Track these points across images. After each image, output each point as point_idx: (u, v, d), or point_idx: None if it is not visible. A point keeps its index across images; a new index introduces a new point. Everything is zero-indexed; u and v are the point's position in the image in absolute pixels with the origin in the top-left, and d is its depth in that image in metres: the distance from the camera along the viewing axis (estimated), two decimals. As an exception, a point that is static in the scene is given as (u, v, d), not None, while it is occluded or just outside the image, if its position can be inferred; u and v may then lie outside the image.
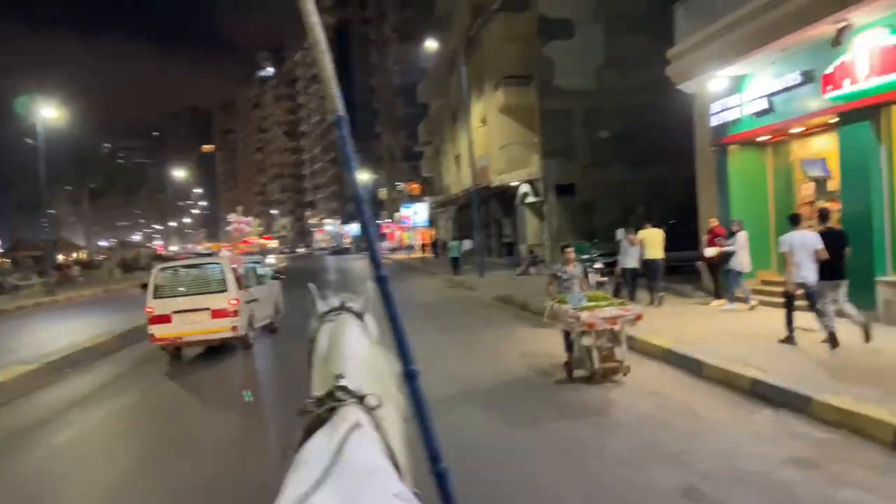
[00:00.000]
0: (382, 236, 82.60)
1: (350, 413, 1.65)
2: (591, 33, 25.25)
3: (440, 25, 34.59)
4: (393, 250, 65.75)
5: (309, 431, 1.66)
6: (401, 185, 66.52)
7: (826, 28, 9.51)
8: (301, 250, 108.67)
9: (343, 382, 1.76)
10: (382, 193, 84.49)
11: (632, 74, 24.94)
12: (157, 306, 11.17)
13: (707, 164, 13.75)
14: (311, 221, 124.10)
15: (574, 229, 25.63)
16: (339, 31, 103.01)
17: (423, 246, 41.27)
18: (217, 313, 11.15)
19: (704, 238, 13.41)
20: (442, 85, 42.35)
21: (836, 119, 10.19)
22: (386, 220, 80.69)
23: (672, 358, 8.61)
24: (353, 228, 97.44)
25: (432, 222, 54.58)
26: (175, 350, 11.60)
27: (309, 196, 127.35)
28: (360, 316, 2.28)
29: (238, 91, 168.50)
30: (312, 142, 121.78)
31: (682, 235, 17.51)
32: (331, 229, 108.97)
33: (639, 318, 7.61)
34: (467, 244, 34.66)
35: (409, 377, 1.62)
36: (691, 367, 8.05)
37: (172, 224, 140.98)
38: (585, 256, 13.02)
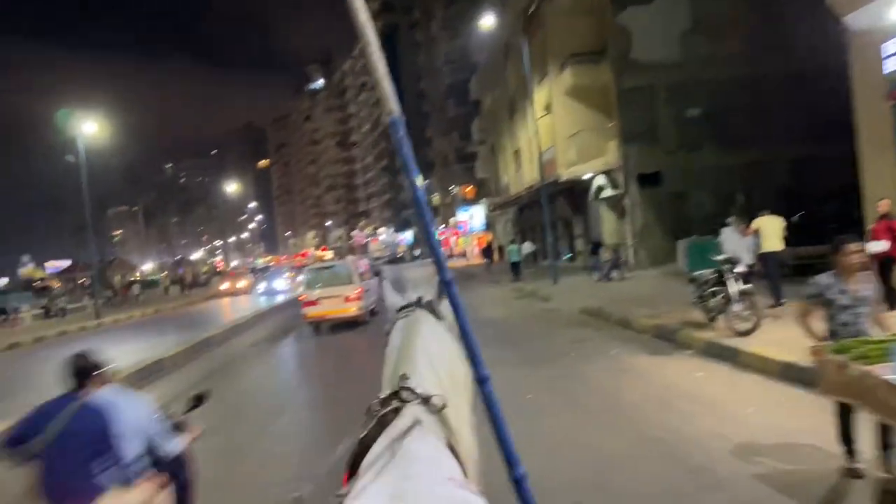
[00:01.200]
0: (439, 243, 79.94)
1: (413, 414, 1.62)
2: (672, -5, 21.73)
3: (493, 10, 31.51)
4: (447, 257, 62.74)
5: (372, 432, 1.64)
6: (455, 189, 63.70)
7: None
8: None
9: (409, 383, 1.72)
10: (435, 199, 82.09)
11: (723, 41, 21.26)
12: (308, 295, 16.09)
13: (876, 125, 10.18)
14: (366, 231, 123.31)
15: (662, 225, 22.04)
16: (387, 36, 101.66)
17: (486, 251, 38.18)
18: (348, 299, 15.65)
19: (869, 229, 9.91)
20: (496, 77, 39.23)
21: None
22: (440, 227, 78.12)
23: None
24: (407, 237, 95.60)
25: (489, 226, 51.41)
26: (317, 325, 16.14)
27: (362, 206, 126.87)
28: (435, 311, 2.25)
29: (290, 105, 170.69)
30: (364, 151, 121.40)
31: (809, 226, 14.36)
32: (385, 238, 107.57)
33: None
34: (527, 247, 31.63)
35: (481, 382, 1.48)
36: None
37: (231, 239, 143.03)
38: (720, 257, 9.57)
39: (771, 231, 11.36)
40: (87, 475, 2.95)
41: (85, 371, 3.24)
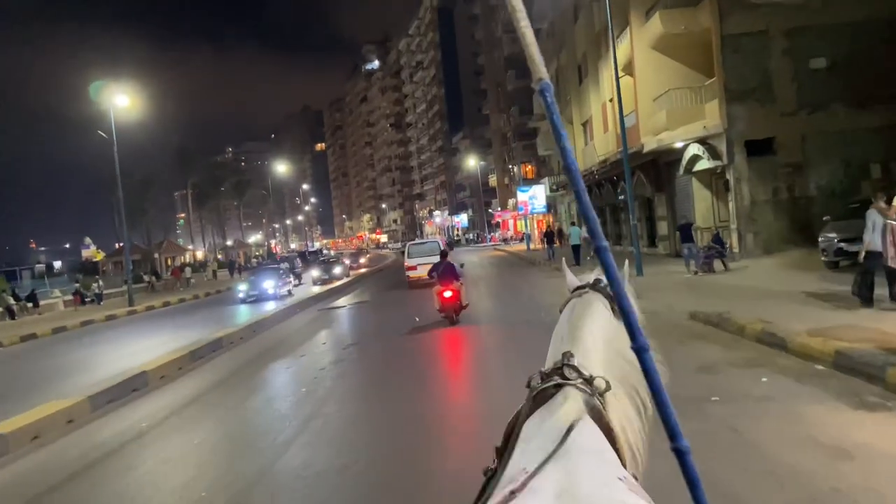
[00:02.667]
0: (496, 226, 76.62)
1: (575, 394, 1.54)
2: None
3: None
4: (505, 240, 59.06)
5: (533, 405, 1.59)
6: (514, 169, 59.71)
7: None
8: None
9: (573, 361, 1.65)
10: (493, 179, 78.22)
11: (860, -29, 16.80)
12: (410, 262, 24.43)
13: None
14: (421, 213, 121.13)
15: (776, 205, 17.81)
16: (443, 11, 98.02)
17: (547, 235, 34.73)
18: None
19: None
20: (562, 40, 35.12)
21: None
22: (497, 209, 74.24)
23: None
24: (462, 220, 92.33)
25: (550, 207, 47.38)
26: (414, 284, 23.33)
27: (417, 188, 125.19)
28: (610, 296, 2.05)
29: (346, 87, 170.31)
30: (419, 132, 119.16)
31: None
32: (440, 221, 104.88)
33: None
34: (576, 231, 28.04)
35: (640, 351, 1.32)
36: None
37: (288, 222, 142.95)
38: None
39: None
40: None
41: None
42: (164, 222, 71.21)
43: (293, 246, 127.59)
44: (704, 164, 18.90)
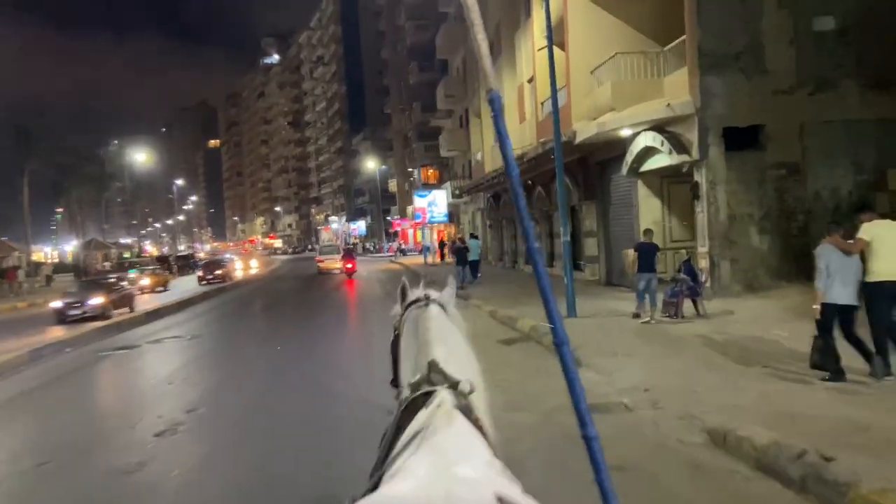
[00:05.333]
0: (395, 235, 70.40)
1: (445, 396, 1.64)
2: None
3: None
4: (402, 251, 52.89)
5: (404, 413, 1.67)
6: (416, 173, 53.77)
7: None
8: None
9: (439, 368, 1.76)
10: (392, 185, 71.92)
11: None
12: (321, 258, 38.09)
13: None
14: (317, 218, 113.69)
15: (764, 220, 12.55)
16: (346, 2, 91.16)
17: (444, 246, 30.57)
18: (337, 261, 34.73)
19: None
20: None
21: None
22: (395, 217, 68.03)
23: None
24: (360, 227, 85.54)
25: (452, 216, 41.67)
26: (322, 273, 35.02)
27: (314, 191, 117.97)
28: (444, 307, 2.28)
29: (243, 82, 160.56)
30: (318, 131, 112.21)
31: None
32: (337, 227, 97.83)
33: None
34: (475, 244, 23.50)
35: (559, 345, 1.57)
36: None
37: (169, 222, 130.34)
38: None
39: (888, 246, 6.36)
40: None
41: None
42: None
43: (181, 248, 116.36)
44: (662, 159, 13.45)
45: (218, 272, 35.68)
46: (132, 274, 31.87)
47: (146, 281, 32.45)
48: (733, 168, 12.41)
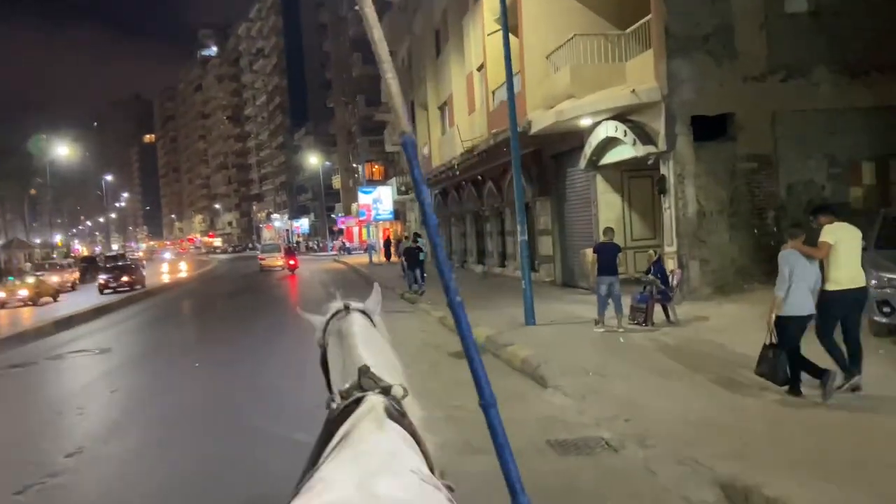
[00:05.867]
0: (339, 233, 68.34)
1: (375, 401, 1.60)
2: None
3: None
4: (346, 250, 51.07)
5: (334, 423, 1.62)
6: (359, 169, 51.95)
7: None
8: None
9: (370, 373, 1.73)
10: (336, 181, 69.80)
11: None
12: (262, 255, 39.78)
13: None
14: (259, 216, 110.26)
15: (735, 217, 11.64)
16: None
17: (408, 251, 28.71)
18: (278, 259, 36.85)
19: None
20: (417, 3, 28.08)
21: None
22: (339, 215, 66.01)
23: None
24: (303, 225, 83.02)
25: (398, 214, 40.21)
26: (265, 269, 36.24)
27: (255, 188, 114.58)
28: (367, 314, 2.26)
29: (180, 74, 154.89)
30: (258, 126, 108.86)
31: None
32: (279, 225, 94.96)
33: None
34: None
35: (486, 408, 1.48)
36: None
37: (101, 220, 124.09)
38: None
39: (848, 252, 5.91)
40: None
41: None
42: None
43: (115, 247, 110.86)
44: (625, 151, 12.40)
45: (125, 279, 29.65)
46: (9, 281, 28.23)
47: (24, 292, 26.47)
48: (702, 160, 11.45)
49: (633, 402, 6.41)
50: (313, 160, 65.15)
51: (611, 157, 13.16)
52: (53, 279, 31.67)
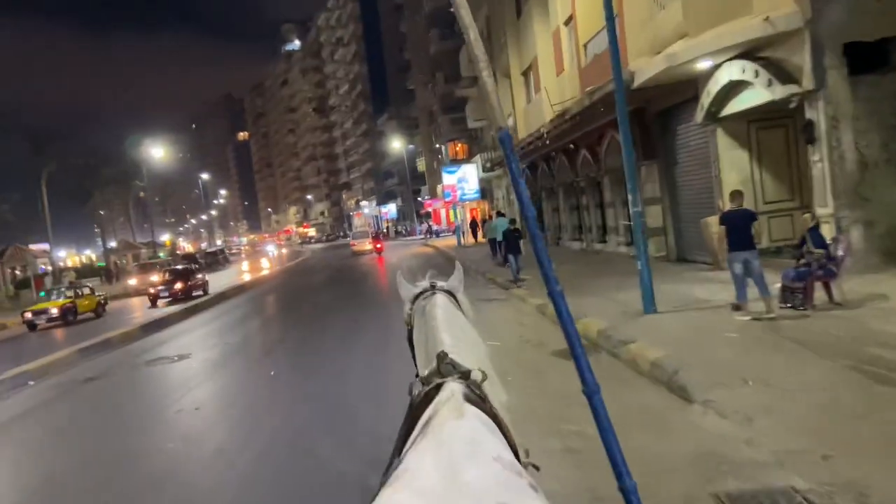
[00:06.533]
0: (426, 216, 67.58)
1: (454, 388, 1.58)
2: None
3: None
4: (434, 233, 49.99)
5: (416, 410, 1.62)
6: (443, 149, 50.59)
7: None
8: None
9: (448, 360, 1.70)
10: (421, 164, 68.90)
11: None
12: (353, 241, 45.30)
13: None
14: (349, 204, 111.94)
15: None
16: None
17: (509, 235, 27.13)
18: (367, 244, 41.68)
19: None
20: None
21: None
22: (426, 197, 65.12)
23: None
24: (391, 210, 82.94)
25: (485, 193, 38.50)
26: (356, 253, 40.69)
27: (344, 177, 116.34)
28: (452, 294, 2.29)
29: (266, 71, 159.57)
30: (343, 115, 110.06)
31: None
32: (368, 212, 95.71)
33: None
34: (502, 223, 20.13)
35: (590, 396, 1.49)
36: None
37: (203, 218, 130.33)
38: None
39: None
40: None
41: None
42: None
43: (219, 242, 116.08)
44: (756, 95, 10.19)
45: (179, 286, 23.58)
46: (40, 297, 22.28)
47: (54, 311, 21.27)
48: (861, 98, 9.11)
49: (825, 427, 4.60)
50: (396, 144, 64.47)
51: (736, 105, 10.95)
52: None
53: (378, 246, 38.49)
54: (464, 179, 35.17)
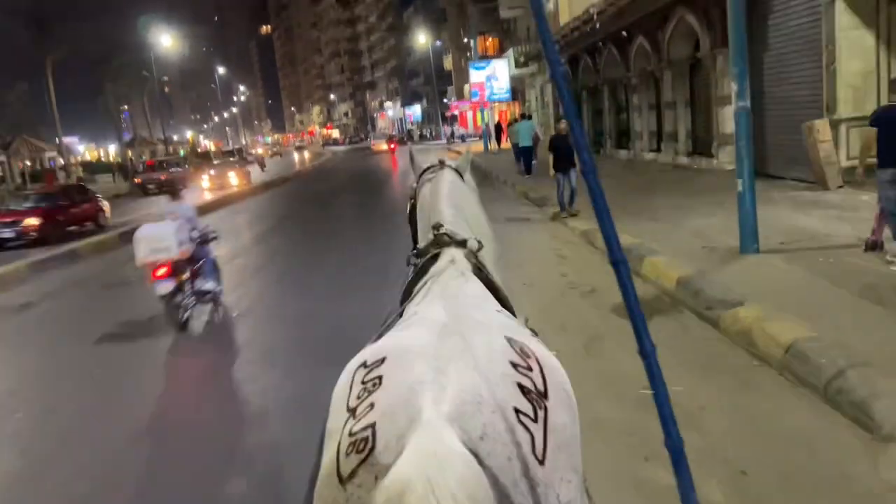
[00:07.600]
0: (453, 119, 63.89)
1: (455, 254, 1.64)
2: None
3: None
4: (459, 137, 46.82)
5: (415, 277, 1.65)
6: (472, 44, 46.41)
7: None
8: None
9: (444, 230, 1.75)
10: (448, 62, 64.30)
11: None
12: (374, 142, 72.27)
13: None
14: (372, 105, 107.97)
15: None
16: None
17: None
18: (384, 143, 57.05)
19: None
20: None
21: None
22: (452, 99, 61.19)
23: None
24: (416, 112, 79.07)
25: (517, 93, 34.97)
26: (374, 150, 55.83)
27: (368, 76, 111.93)
28: (459, 173, 2.28)
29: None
30: (367, 8, 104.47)
31: None
32: (392, 114, 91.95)
33: None
34: (527, 126, 17.85)
35: (615, 263, 1.35)
36: None
37: (225, 115, 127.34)
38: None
39: None
40: None
41: None
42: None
43: (244, 141, 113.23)
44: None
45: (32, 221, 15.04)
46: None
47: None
48: None
49: None
50: (422, 39, 59.89)
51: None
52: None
53: (392, 146, 49.78)
54: (493, 77, 31.63)
